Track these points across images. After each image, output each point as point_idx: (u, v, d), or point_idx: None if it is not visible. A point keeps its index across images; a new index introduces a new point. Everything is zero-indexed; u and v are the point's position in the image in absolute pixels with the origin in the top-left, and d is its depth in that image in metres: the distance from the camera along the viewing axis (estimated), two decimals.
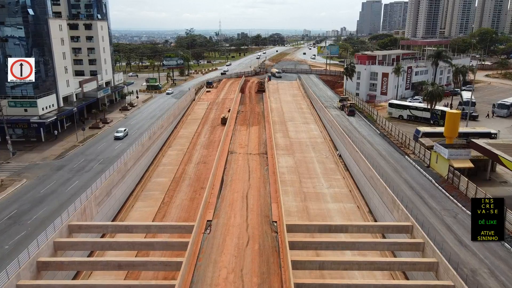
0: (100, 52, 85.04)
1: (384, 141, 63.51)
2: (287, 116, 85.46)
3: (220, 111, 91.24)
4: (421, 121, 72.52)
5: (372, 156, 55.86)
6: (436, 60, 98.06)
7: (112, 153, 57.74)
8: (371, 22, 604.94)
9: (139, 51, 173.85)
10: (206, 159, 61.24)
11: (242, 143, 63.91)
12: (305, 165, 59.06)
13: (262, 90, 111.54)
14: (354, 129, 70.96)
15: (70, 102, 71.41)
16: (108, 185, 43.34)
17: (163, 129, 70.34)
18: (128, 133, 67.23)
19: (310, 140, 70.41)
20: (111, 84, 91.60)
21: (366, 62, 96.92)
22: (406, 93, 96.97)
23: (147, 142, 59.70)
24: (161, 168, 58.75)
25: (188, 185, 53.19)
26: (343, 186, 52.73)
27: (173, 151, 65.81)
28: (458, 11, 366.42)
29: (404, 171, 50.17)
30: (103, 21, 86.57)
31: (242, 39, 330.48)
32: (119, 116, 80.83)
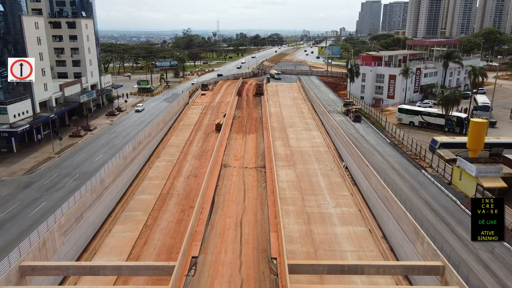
0: (85, 53, 78.52)
1: (396, 152, 57.14)
2: (287, 122, 79.05)
3: (215, 116, 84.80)
4: (434, 128, 66.21)
5: (384, 169, 49.50)
6: (446, 61, 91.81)
7: (91, 166, 51.30)
8: (371, 22, 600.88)
9: (133, 52, 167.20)
10: (197, 172, 54.83)
11: (238, 155, 57.43)
12: (308, 179, 52.68)
13: (260, 93, 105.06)
14: (361, 137, 64.58)
15: (49, 108, 64.91)
16: (79, 209, 36.86)
17: (151, 138, 63.86)
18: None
19: (312, 149, 64.02)
20: (98, 87, 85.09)
21: (372, 63, 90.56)
22: (415, 96, 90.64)
23: (131, 153, 53.23)
24: (146, 183, 52.28)
25: (176, 203, 46.78)
26: (351, 204, 46.31)
27: (161, 163, 59.34)
28: (459, 11, 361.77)
29: (423, 189, 43.76)
30: (88, 19, 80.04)
31: (241, 39, 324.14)
32: (105, 122, 74.34)
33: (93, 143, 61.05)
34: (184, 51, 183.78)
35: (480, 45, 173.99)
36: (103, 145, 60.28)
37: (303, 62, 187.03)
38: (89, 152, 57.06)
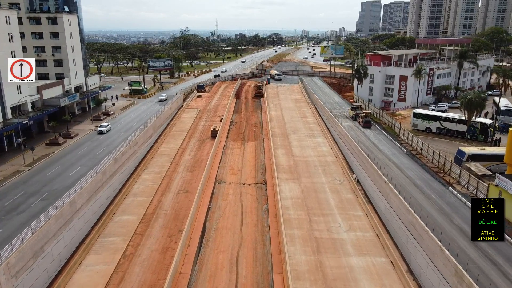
0: (68, 51, 71.48)
1: (415, 164, 50.24)
2: (289, 127, 72.18)
3: (211, 120, 77.95)
4: (454, 136, 59.36)
5: (404, 186, 42.69)
6: (461, 61, 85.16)
7: (64, 182, 44.29)
8: (371, 22, 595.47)
9: (127, 52, 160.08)
10: (189, 187, 47.98)
11: (234, 167, 50.45)
12: (315, 195, 45.87)
13: (260, 95, 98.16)
14: (373, 146, 57.71)
15: (23, 113, 57.95)
16: (37, 241, 29.96)
17: (138, 146, 56.96)
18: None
19: (318, 159, 57.20)
20: (83, 89, 78.07)
21: (381, 64, 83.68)
22: (427, 99, 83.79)
23: (112, 166, 46.32)
24: (129, 201, 45.37)
25: (162, 226, 39.98)
26: (367, 227, 39.49)
27: (148, 175, 52.42)
28: (461, 11, 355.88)
29: (454, 212, 36.85)
30: (71, 15, 72.98)
31: (240, 39, 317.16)
32: (89, 128, 67.29)
33: (72, 153, 54.07)
34: (181, 51, 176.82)
35: (488, 44, 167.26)
36: (82, 156, 53.33)
37: (304, 63, 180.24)
38: (65, 164, 50.05)
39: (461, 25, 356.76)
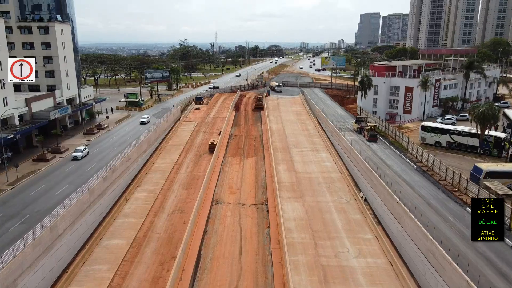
0: (60, 62, 68.52)
1: (427, 181, 46.79)
2: (291, 141, 68.91)
3: (209, 133, 74.75)
4: (466, 150, 56.10)
5: (418, 206, 39.18)
6: (468, 71, 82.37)
7: (48, 202, 40.77)
8: (370, 34, 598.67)
9: (125, 63, 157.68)
10: (184, 206, 44.56)
11: (233, 185, 46.96)
12: (320, 216, 42.42)
13: (260, 107, 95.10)
14: (380, 161, 54.35)
15: (10, 127, 54.72)
16: (9, 274, 26.41)
17: (131, 162, 53.61)
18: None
19: (322, 175, 53.81)
20: (76, 101, 74.97)
21: (385, 74, 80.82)
22: (434, 111, 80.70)
23: (101, 185, 42.92)
24: (119, 222, 41.88)
25: (154, 251, 36.53)
26: (378, 253, 35.97)
27: (141, 193, 48.99)
28: (461, 22, 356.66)
29: None
30: (64, 24, 70.21)
31: (240, 51, 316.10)
32: (80, 142, 63.93)
33: (59, 170, 50.65)
34: (179, 62, 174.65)
35: (491, 55, 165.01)
36: (70, 173, 49.89)
37: (305, 74, 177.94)
38: (52, 182, 46.57)
39: (461, 36, 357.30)
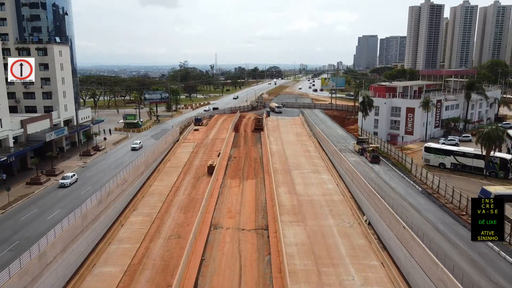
0: (58, 83, 67.88)
1: (433, 205, 45.22)
2: (291, 162, 67.51)
3: (208, 155, 73.41)
4: (471, 172, 54.71)
5: (425, 232, 37.47)
6: (469, 92, 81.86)
7: (39, 228, 39.14)
8: (368, 56, 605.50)
9: (124, 84, 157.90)
10: (181, 231, 42.76)
11: (232, 209, 45.32)
12: (323, 241, 40.63)
13: (260, 128, 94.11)
14: (384, 184, 52.88)
15: (4, 149, 53.46)
16: None
17: (127, 185, 52.06)
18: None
19: (324, 198, 52.18)
20: (73, 123, 74.00)
21: (386, 95, 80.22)
22: (436, 132, 79.72)
23: (95, 209, 41.29)
24: (113, 248, 40.03)
25: (149, 280, 34.58)
26: (385, 281, 34.06)
27: (137, 217, 47.21)
28: (458, 44, 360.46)
29: (489, 265, 31.58)
30: (63, 45, 69.95)
31: (239, 72, 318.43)
32: (76, 164, 62.55)
33: (53, 193, 49.12)
34: (179, 83, 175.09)
35: (490, 76, 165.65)
36: (64, 196, 48.35)
37: (305, 95, 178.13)
38: (45, 206, 44.98)
39: (458, 58, 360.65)
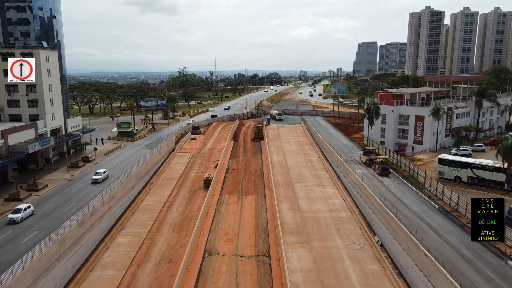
0: (44, 91, 63.55)
1: (454, 225, 40.67)
2: (293, 174, 63.08)
3: (204, 166, 68.99)
4: (490, 186, 50.25)
5: (449, 258, 32.99)
6: (480, 99, 77.67)
7: (11, 253, 34.55)
8: (368, 62, 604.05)
9: (121, 91, 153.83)
10: (173, 254, 38.27)
11: (230, 231, 40.69)
12: (331, 266, 36.12)
13: (260, 137, 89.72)
14: (395, 199, 48.38)
15: None
16: None
17: (115, 201, 47.57)
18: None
19: (330, 215, 47.65)
20: (62, 132, 69.59)
21: (393, 102, 75.97)
22: (446, 141, 75.33)
23: (75, 231, 36.77)
24: (95, 276, 35.42)
25: None
26: None
27: (125, 238, 42.63)
28: (458, 50, 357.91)
29: None
30: (50, 50, 65.69)
31: (239, 79, 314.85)
32: (62, 178, 58.00)
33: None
34: (177, 90, 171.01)
35: (494, 83, 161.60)
36: (44, 215, 43.75)
37: (306, 102, 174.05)
38: (20, 227, 40.44)
39: (459, 64, 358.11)
